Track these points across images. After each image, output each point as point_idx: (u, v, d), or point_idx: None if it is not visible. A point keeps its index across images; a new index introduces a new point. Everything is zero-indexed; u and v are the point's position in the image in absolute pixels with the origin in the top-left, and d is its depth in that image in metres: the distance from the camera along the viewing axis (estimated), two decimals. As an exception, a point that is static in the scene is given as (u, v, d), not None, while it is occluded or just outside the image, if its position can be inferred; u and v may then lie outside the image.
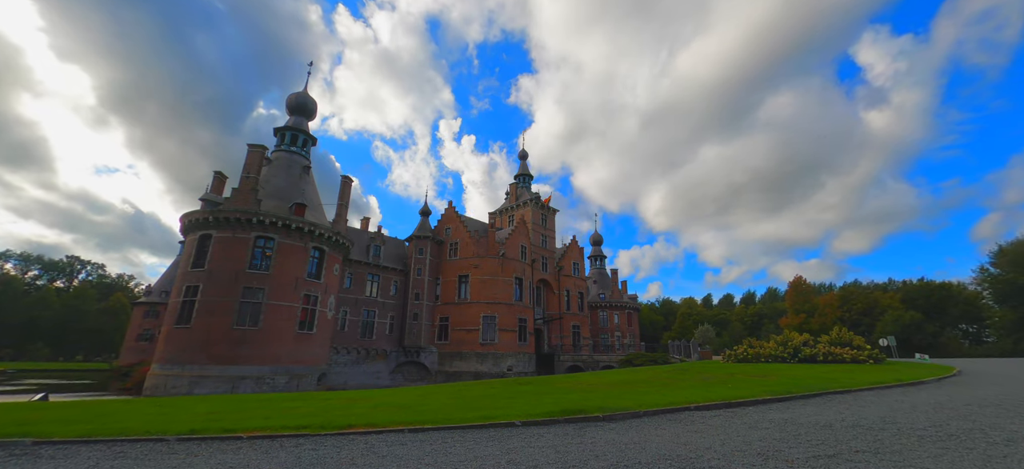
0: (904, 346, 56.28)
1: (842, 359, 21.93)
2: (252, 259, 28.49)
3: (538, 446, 6.30)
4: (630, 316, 63.70)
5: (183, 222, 30.01)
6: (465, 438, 6.91)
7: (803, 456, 5.44)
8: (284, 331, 28.53)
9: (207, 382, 25.31)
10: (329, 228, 32.55)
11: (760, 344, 26.23)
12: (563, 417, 8.16)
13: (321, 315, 31.34)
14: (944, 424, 7.40)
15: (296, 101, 37.51)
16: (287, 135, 36.12)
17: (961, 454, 5.41)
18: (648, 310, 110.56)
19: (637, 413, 8.63)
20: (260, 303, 27.82)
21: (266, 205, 30.27)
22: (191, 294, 27.39)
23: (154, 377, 26.23)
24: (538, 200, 56.01)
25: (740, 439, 6.49)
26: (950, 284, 76.62)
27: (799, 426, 7.41)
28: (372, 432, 7.30)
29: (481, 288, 43.22)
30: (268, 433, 7.19)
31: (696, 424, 7.78)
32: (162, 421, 8.49)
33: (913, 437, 6.43)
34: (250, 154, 30.18)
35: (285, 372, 28.03)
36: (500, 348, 41.51)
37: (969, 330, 74.29)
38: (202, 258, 28.22)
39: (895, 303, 73.14)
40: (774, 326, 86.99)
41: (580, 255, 58.64)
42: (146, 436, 7.07)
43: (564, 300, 54.08)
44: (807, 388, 11.89)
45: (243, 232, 28.58)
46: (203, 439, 6.99)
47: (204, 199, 44.38)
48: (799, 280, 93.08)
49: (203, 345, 26.14)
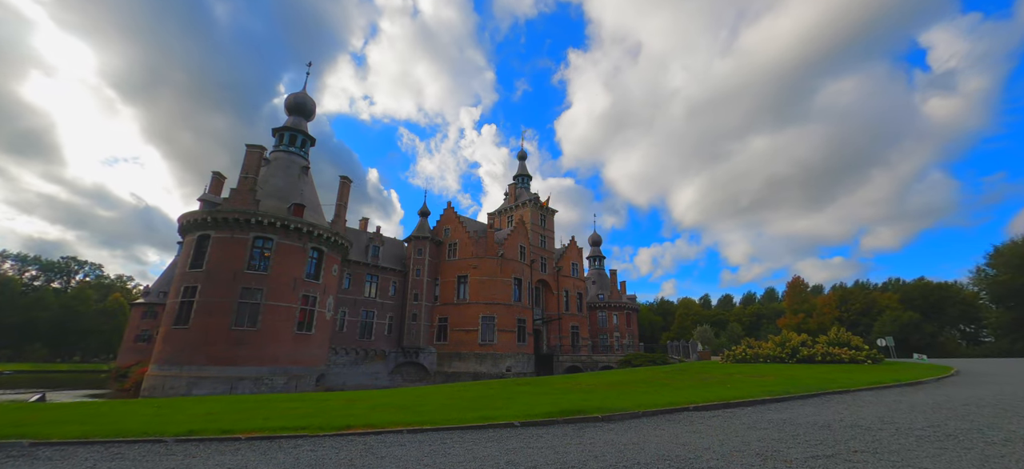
0: (902, 346, 56.42)
1: (840, 359, 21.97)
2: (250, 259, 28.44)
3: (537, 447, 6.30)
4: (629, 317, 63.77)
5: (181, 222, 29.94)
6: (464, 439, 6.90)
7: (801, 456, 5.45)
8: (282, 332, 28.47)
9: (205, 383, 25.24)
10: (328, 228, 32.52)
11: (758, 344, 26.26)
12: (562, 418, 8.16)
13: (319, 316, 31.30)
14: (942, 424, 7.42)
15: (295, 101, 37.50)
16: (285, 135, 36.10)
17: (959, 454, 5.42)
18: (647, 310, 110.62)
19: (636, 414, 8.63)
20: (258, 304, 27.77)
21: (265, 205, 30.22)
22: (189, 295, 27.31)
23: (152, 378, 26.15)
24: (537, 200, 56.07)
25: (739, 439, 6.50)
26: (948, 284, 76.87)
27: (797, 426, 7.42)
28: (371, 433, 7.29)
29: (480, 289, 43.20)
30: (266, 434, 7.17)
31: (695, 424, 7.78)
32: (160, 422, 8.47)
33: (911, 437, 6.44)
34: (248, 154, 30.15)
35: (283, 373, 27.97)
36: (499, 349, 41.49)
37: (967, 330, 74.55)
38: (200, 258, 28.16)
39: (893, 303, 73.33)
40: (772, 326, 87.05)
41: (579, 256, 58.70)
42: (144, 437, 7.05)
43: (563, 301, 54.10)
44: (805, 388, 11.91)
45: (241, 232, 28.52)
46: (201, 440, 6.97)
47: (202, 199, 44.25)
48: (797, 281, 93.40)
49: (201, 346, 26.07)
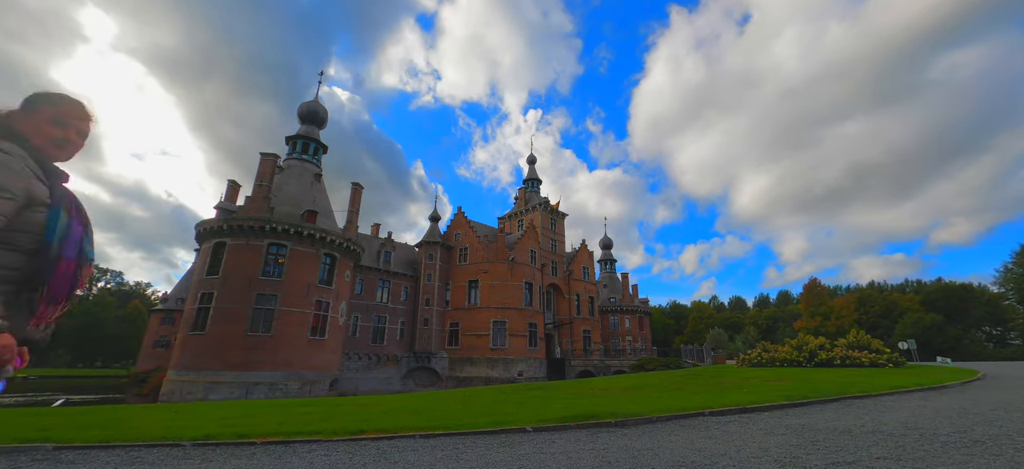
0: (925, 349, 54.82)
1: (860, 363, 21.41)
2: (265, 266, 28.89)
3: (549, 452, 6.25)
4: (641, 320, 63.12)
5: (198, 230, 30.60)
6: (476, 444, 6.88)
7: (822, 463, 5.31)
8: (296, 337, 28.82)
9: (221, 388, 25.65)
10: (340, 234, 32.90)
11: (775, 348, 25.74)
12: (574, 422, 8.09)
13: (332, 321, 31.62)
14: (969, 430, 7.17)
15: (307, 110, 38.13)
16: (298, 143, 36.72)
17: (987, 460, 5.23)
18: (659, 314, 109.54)
19: (650, 418, 8.52)
20: (273, 310, 28.17)
21: (278, 212, 30.72)
22: (206, 301, 27.84)
23: (170, 383, 26.67)
24: (547, 204, 55.98)
25: (756, 445, 6.37)
26: (971, 285, 74.62)
27: (817, 432, 7.25)
28: (384, 437, 7.32)
29: (491, 293, 43.21)
30: (281, 439, 7.24)
31: (710, 430, 7.65)
32: (178, 426, 8.61)
33: (937, 443, 6.24)
34: (263, 163, 30.72)
35: (297, 378, 28.29)
36: (510, 353, 41.39)
37: (992, 333, 72.18)
38: (216, 265, 28.70)
39: (914, 305, 71.42)
40: (789, 330, 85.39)
41: (590, 259, 58.37)
42: (162, 441, 7.18)
43: (574, 304, 53.80)
44: (824, 393, 11.63)
45: (256, 239, 29.01)
46: (218, 444, 7.07)
47: (218, 207, 45.13)
48: (814, 283, 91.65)
49: (217, 351, 26.53)
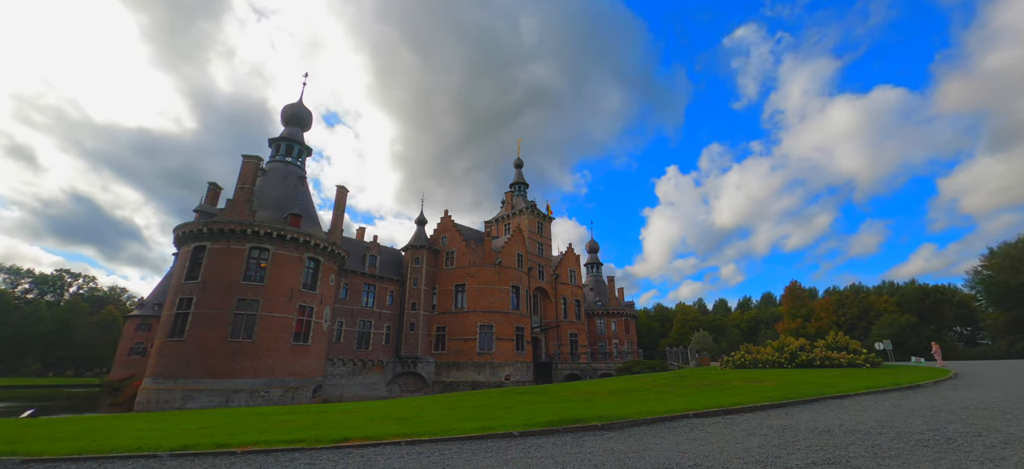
0: (900, 350, 56.49)
1: (839, 363, 21.97)
2: (247, 270, 28.28)
3: (536, 456, 6.25)
4: (627, 323, 63.69)
5: (176, 234, 29.79)
6: (463, 449, 6.84)
7: (802, 463, 5.42)
8: (279, 343, 28.24)
9: (200, 396, 24.95)
10: (324, 238, 32.43)
11: (757, 350, 26.21)
12: (561, 426, 8.11)
13: (316, 326, 31.09)
14: (942, 427, 7.42)
15: (291, 112, 37.54)
16: (282, 145, 36.11)
17: (959, 457, 5.42)
18: (645, 317, 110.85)
19: (635, 421, 8.59)
20: (255, 315, 27.57)
21: (261, 216, 30.13)
22: (184, 306, 27.10)
23: (146, 392, 25.82)
24: (534, 208, 56.15)
25: (739, 446, 6.47)
26: (943, 288, 77.31)
27: (797, 432, 7.40)
28: (369, 445, 7.22)
29: (478, 297, 43.05)
30: (263, 448, 7.08)
31: (694, 432, 7.75)
32: (154, 437, 8.35)
33: (911, 441, 6.43)
34: (245, 165, 30.13)
35: (280, 385, 27.70)
36: (497, 357, 41.27)
37: (963, 333, 74.80)
38: (196, 270, 27.98)
39: (890, 307, 73.60)
40: (771, 331, 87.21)
41: (576, 262, 58.66)
42: (138, 453, 6.95)
43: (561, 308, 53.97)
44: (805, 393, 11.89)
45: (237, 243, 28.39)
46: (197, 455, 6.88)
47: (198, 210, 44.11)
48: (794, 285, 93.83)
49: (196, 358, 25.81)
